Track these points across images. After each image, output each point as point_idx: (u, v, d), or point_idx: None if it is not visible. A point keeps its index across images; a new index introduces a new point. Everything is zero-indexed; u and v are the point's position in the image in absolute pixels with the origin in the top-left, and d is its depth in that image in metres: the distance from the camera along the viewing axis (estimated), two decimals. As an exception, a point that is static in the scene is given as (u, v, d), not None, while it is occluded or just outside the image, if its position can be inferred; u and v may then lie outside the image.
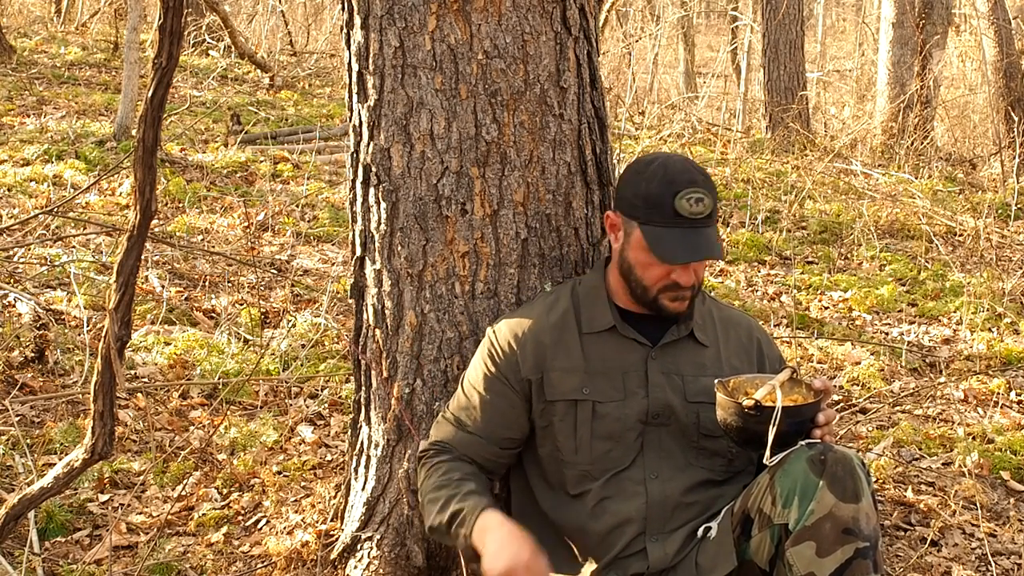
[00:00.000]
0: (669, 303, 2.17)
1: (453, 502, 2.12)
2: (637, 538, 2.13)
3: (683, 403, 2.18)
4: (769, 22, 10.08)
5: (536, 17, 2.37)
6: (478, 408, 2.22)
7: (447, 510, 2.12)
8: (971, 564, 2.91)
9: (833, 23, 23.73)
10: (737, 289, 5.39)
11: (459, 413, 2.25)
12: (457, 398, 2.27)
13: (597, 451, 2.17)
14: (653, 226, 2.11)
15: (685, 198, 2.09)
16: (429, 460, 2.24)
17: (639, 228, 2.13)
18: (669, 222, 2.10)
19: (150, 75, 2.17)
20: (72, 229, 5.26)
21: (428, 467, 2.23)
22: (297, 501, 2.97)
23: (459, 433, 2.24)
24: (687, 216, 2.09)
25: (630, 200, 2.17)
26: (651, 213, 2.11)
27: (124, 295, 2.22)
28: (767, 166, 8.27)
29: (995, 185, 8.43)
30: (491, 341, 2.25)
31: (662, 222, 2.10)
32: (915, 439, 3.63)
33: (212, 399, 3.68)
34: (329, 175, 6.99)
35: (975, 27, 10.45)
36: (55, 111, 8.07)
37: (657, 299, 2.17)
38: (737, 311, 2.41)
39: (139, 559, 2.71)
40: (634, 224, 2.15)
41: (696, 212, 2.09)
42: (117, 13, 11.51)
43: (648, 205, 2.12)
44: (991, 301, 5.08)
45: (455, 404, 2.27)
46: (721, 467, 2.20)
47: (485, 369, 2.23)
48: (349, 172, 2.54)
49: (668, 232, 2.10)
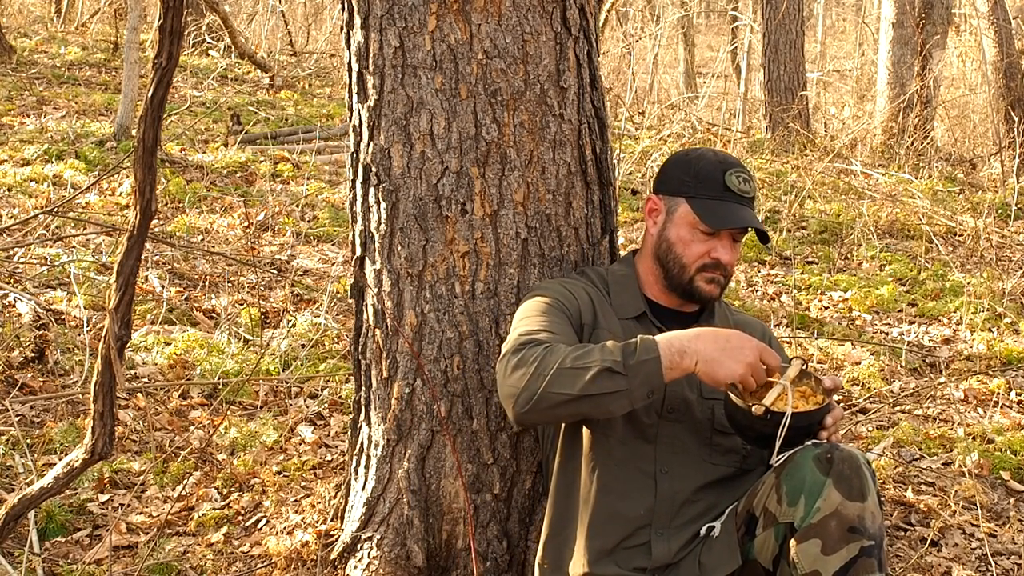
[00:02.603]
0: (704, 285, 2.23)
1: (610, 344, 1.98)
2: (642, 531, 2.13)
3: (699, 399, 2.19)
4: (769, 22, 10.08)
5: (536, 17, 2.37)
6: (547, 321, 2.11)
7: (610, 351, 1.95)
8: (971, 564, 2.91)
9: (833, 23, 23.74)
10: (737, 289, 5.39)
11: (529, 327, 2.10)
12: (520, 327, 2.13)
13: (619, 426, 2.16)
14: (703, 199, 2.21)
15: (735, 175, 2.22)
16: (531, 346, 2.03)
17: (687, 203, 2.23)
18: (719, 195, 2.21)
19: (150, 75, 2.17)
20: (72, 229, 5.26)
21: (539, 347, 2.01)
22: (297, 501, 2.97)
23: (543, 334, 2.08)
24: (736, 191, 2.21)
25: (679, 178, 2.26)
26: (701, 187, 2.22)
27: (124, 295, 2.22)
28: (767, 166, 8.27)
29: (995, 185, 8.43)
30: (543, 287, 2.24)
31: (712, 195, 2.21)
32: (915, 439, 3.63)
33: (212, 399, 3.68)
34: (329, 175, 6.99)
35: (975, 27, 10.45)
36: (55, 111, 8.07)
37: (693, 280, 2.22)
38: (749, 316, 2.47)
39: (139, 559, 2.71)
40: (680, 201, 2.24)
41: (744, 190, 2.22)
42: (117, 13, 11.51)
43: (699, 180, 2.23)
44: (991, 301, 5.09)
45: (522, 329, 2.11)
46: (734, 464, 2.20)
47: (543, 301, 2.16)
48: (349, 172, 2.54)
49: (718, 204, 2.20)
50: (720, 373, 1.95)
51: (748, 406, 1.99)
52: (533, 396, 1.97)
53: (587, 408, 1.97)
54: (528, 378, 1.98)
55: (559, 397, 1.95)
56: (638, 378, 1.93)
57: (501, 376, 2.04)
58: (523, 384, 1.98)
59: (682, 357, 1.95)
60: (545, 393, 1.96)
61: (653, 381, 1.95)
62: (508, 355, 2.04)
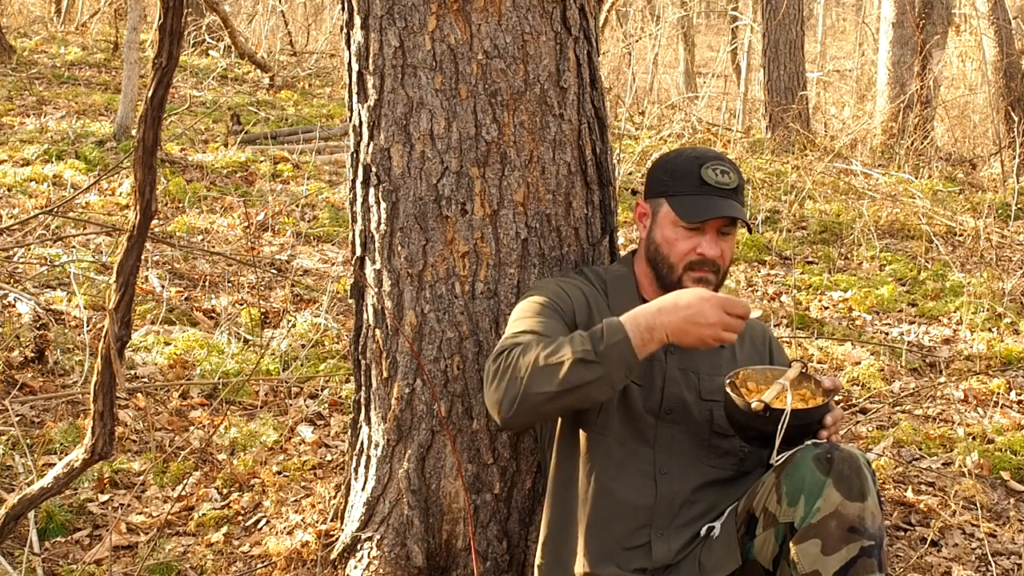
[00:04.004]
0: (692, 285, 2.20)
1: (577, 336, 1.99)
2: (642, 531, 2.13)
3: (697, 400, 2.19)
4: (769, 22, 10.08)
5: (536, 17, 2.37)
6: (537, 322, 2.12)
7: (579, 342, 1.96)
8: (971, 564, 2.91)
9: (833, 23, 23.73)
10: (737, 289, 5.39)
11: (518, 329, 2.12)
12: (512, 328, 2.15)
13: (615, 426, 2.16)
14: (680, 196, 2.20)
15: (711, 168, 2.19)
16: (508, 351, 2.04)
17: (667, 202, 2.22)
18: (696, 190, 2.19)
19: (150, 75, 2.17)
20: (72, 229, 5.26)
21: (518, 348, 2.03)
22: (297, 501, 2.96)
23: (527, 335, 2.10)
24: (714, 185, 2.18)
25: (659, 179, 2.26)
26: (678, 184, 2.21)
27: (124, 295, 2.22)
28: (767, 166, 8.26)
29: (995, 185, 8.43)
30: (538, 287, 2.26)
31: (689, 191, 2.19)
32: (915, 439, 3.63)
33: (212, 399, 3.68)
34: (329, 175, 6.99)
35: (975, 27, 10.45)
36: (55, 111, 8.06)
37: (681, 279, 2.21)
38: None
39: (139, 559, 2.71)
40: (662, 201, 2.23)
41: (722, 182, 2.19)
42: (117, 13, 11.51)
43: (675, 177, 2.22)
44: (991, 301, 5.08)
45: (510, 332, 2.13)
46: (732, 466, 2.20)
47: (537, 302, 2.17)
48: (349, 172, 2.54)
49: (696, 199, 2.18)
50: (689, 341, 1.97)
51: (747, 403, 1.99)
52: (515, 400, 1.98)
53: (570, 401, 1.98)
54: (507, 383, 1.99)
55: (540, 396, 1.96)
56: (612, 362, 1.94)
57: (485, 386, 2.07)
58: (503, 389, 1.99)
59: (651, 332, 1.96)
60: (526, 395, 1.97)
61: (628, 361, 1.95)
62: (489, 363, 2.06)
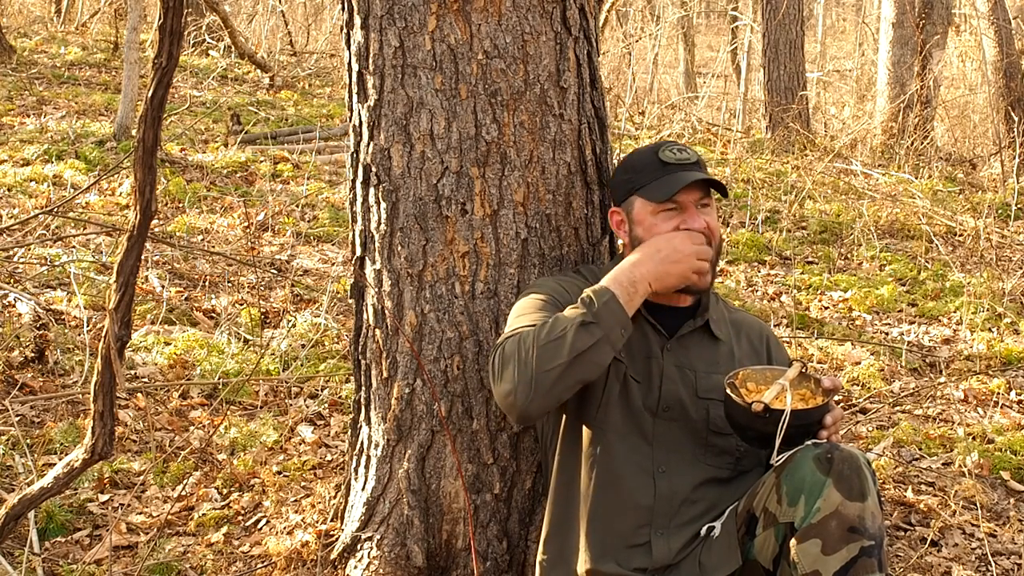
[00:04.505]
0: None
1: (568, 308, 2.06)
2: (642, 530, 2.13)
3: (693, 398, 2.19)
4: (769, 22, 10.08)
5: (536, 17, 2.37)
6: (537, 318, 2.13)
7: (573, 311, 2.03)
8: (971, 564, 2.91)
9: (833, 23, 23.73)
10: (737, 289, 5.39)
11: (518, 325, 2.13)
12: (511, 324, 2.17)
13: (616, 421, 2.16)
14: (647, 184, 2.21)
15: (668, 149, 2.23)
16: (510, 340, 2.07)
17: (637, 196, 2.23)
18: (659, 173, 2.20)
19: (150, 75, 2.17)
20: (72, 229, 5.26)
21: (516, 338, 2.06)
22: (297, 501, 2.97)
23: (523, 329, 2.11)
24: (675, 163, 2.20)
25: (623, 180, 2.28)
26: (642, 176, 2.22)
27: (124, 295, 2.22)
28: (767, 166, 8.26)
29: (995, 185, 8.43)
30: (536, 285, 2.28)
31: (653, 176, 2.21)
32: (915, 439, 3.63)
33: (212, 399, 3.68)
34: (329, 175, 6.99)
35: (975, 27, 10.45)
36: (55, 111, 8.06)
37: None
38: (749, 314, 2.45)
39: (139, 559, 2.71)
40: (633, 199, 2.24)
41: (682, 158, 2.21)
42: (117, 13, 11.51)
43: (637, 171, 2.24)
44: (991, 301, 5.08)
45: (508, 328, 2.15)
46: (729, 465, 2.20)
47: (536, 298, 2.19)
48: (349, 172, 2.54)
49: (661, 180, 2.20)
50: (672, 281, 2.08)
51: (747, 404, 1.99)
52: (530, 383, 1.99)
53: (580, 371, 2.01)
54: (517, 371, 2.00)
55: (554, 372, 1.98)
56: (608, 320, 2.01)
57: (492, 382, 2.08)
58: (514, 378, 2.01)
59: (634, 286, 2.05)
60: (539, 374, 1.99)
61: (619, 318, 2.03)
62: (491, 360, 2.09)
